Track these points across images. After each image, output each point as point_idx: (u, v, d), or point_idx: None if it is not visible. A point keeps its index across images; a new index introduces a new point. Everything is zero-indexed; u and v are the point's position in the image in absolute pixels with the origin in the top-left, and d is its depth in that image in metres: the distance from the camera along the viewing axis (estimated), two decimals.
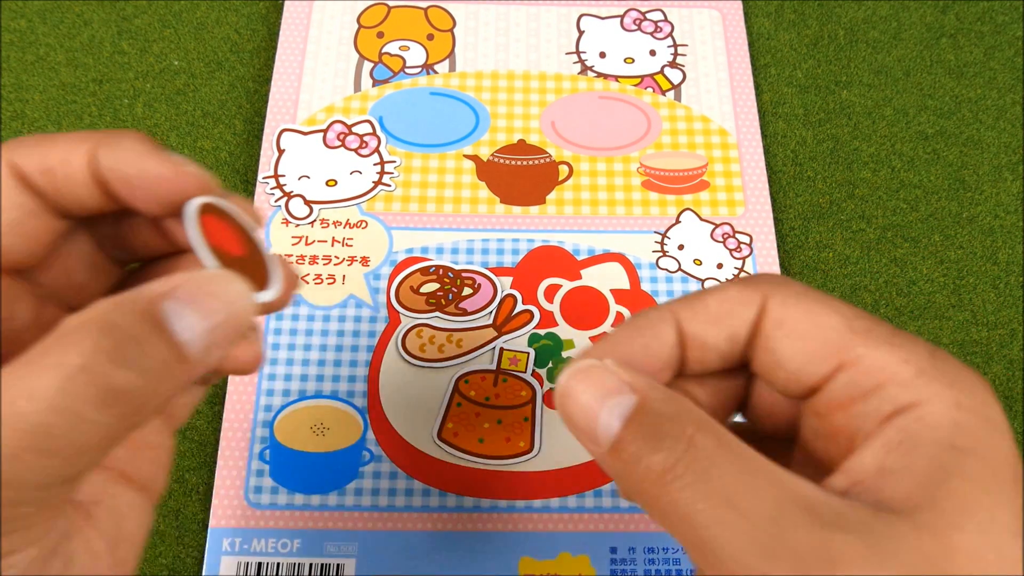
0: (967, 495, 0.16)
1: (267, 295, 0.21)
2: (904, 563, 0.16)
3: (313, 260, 0.42)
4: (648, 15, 0.50)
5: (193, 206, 0.20)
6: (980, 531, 0.16)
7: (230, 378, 0.39)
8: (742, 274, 0.42)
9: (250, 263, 0.21)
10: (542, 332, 0.40)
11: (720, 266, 0.42)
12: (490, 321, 0.40)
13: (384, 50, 0.48)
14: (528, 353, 0.40)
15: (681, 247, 0.43)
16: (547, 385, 0.39)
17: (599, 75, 0.48)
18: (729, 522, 0.16)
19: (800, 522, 0.16)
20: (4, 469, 0.16)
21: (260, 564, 0.35)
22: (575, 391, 0.20)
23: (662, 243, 0.43)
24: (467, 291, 0.41)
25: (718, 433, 0.18)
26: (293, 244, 0.42)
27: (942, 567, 0.16)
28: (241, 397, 0.38)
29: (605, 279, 0.42)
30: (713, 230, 0.43)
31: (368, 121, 0.45)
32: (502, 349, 0.40)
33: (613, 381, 0.19)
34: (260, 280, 0.21)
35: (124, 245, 0.23)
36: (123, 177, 0.20)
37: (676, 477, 0.17)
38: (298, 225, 0.42)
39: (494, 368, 0.39)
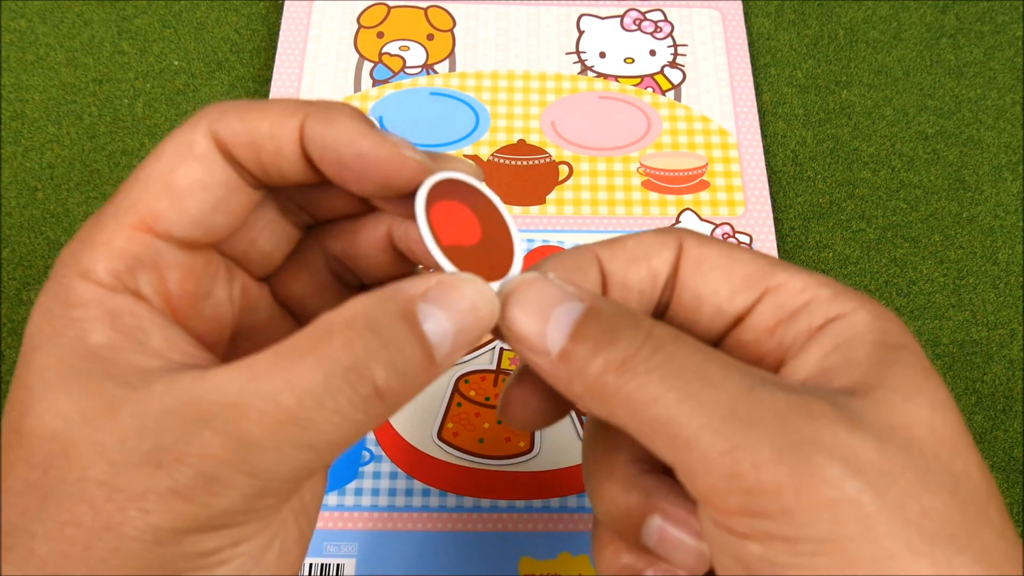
0: (911, 378, 0.18)
1: (512, 273, 0.20)
2: (873, 431, 0.17)
3: None
4: (648, 15, 0.50)
5: (422, 200, 0.19)
6: (931, 407, 0.17)
7: None
8: None
9: (491, 245, 0.20)
10: None
11: None
12: None
13: (384, 50, 0.48)
14: None
15: None
16: None
17: (599, 75, 0.48)
18: (704, 397, 0.17)
19: (775, 390, 0.17)
20: (260, 460, 0.16)
21: None
22: (520, 300, 0.19)
23: None
24: None
25: (673, 328, 0.18)
26: None
27: (905, 436, 0.17)
28: None
29: None
30: (713, 230, 0.43)
31: None
32: (502, 349, 0.40)
33: (558, 291, 0.19)
34: (503, 259, 0.20)
35: (311, 210, 0.22)
36: (337, 158, 0.19)
37: (641, 362, 0.17)
38: None
39: (494, 368, 0.39)
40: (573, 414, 0.39)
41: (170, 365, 0.18)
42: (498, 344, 0.40)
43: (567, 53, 0.48)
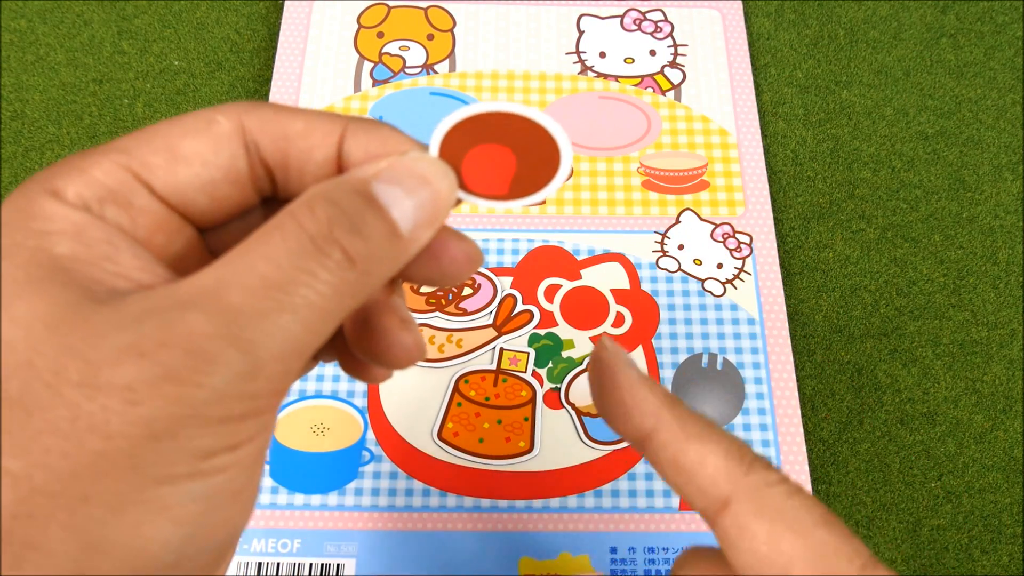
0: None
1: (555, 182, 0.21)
2: None
3: None
4: (648, 15, 0.50)
5: (436, 148, 0.20)
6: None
7: None
8: (743, 274, 0.42)
9: (530, 166, 0.21)
10: (542, 332, 0.40)
11: (720, 266, 0.42)
12: (490, 321, 0.40)
13: (384, 50, 0.48)
14: (528, 353, 0.40)
15: (681, 247, 0.43)
16: (547, 385, 0.39)
17: (599, 75, 0.48)
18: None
19: None
20: (248, 330, 0.17)
21: (260, 564, 0.35)
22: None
23: (662, 243, 0.43)
24: (467, 291, 0.41)
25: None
26: None
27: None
28: None
29: (605, 279, 0.42)
30: (713, 230, 0.43)
31: None
32: (502, 349, 0.40)
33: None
34: (546, 173, 0.21)
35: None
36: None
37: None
38: None
39: (494, 368, 0.39)
40: (574, 414, 0.39)
41: (139, 287, 0.18)
42: (498, 344, 0.40)
43: (567, 53, 0.48)
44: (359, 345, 0.21)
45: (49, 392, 0.16)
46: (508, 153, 0.22)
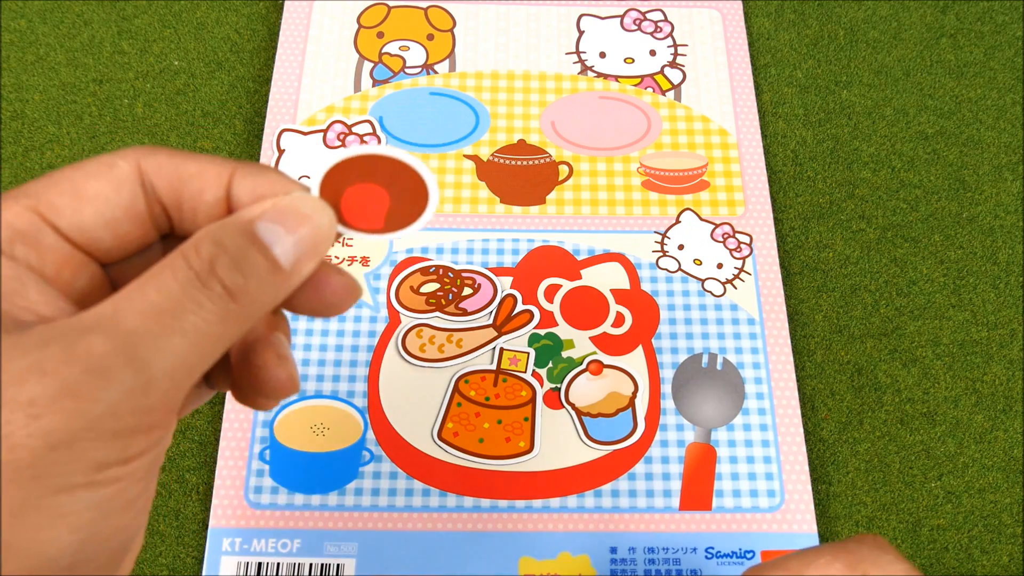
0: None
1: (424, 217, 0.24)
2: None
3: None
4: (648, 15, 0.50)
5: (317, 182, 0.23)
6: None
7: None
8: (743, 274, 0.42)
9: (401, 201, 0.24)
10: (542, 332, 0.40)
11: (720, 266, 0.42)
12: (490, 321, 0.40)
13: (384, 50, 0.48)
14: (528, 353, 0.40)
15: (681, 247, 0.43)
16: (547, 385, 0.39)
17: (599, 75, 0.48)
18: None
19: None
20: (142, 349, 0.19)
21: (260, 564, 0.35)
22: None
23: (662, 243, 0.43)
24: (467, 291, 0.41)
25: None
26: None
27: None
28: None
29: (605, 279, 0.42)
30: (713, 230, 0.43)
31: (368, 121, 0.45)
32: (502, 349, 0.40)
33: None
34: (416, 207, 0.24)
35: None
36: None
37: None
38: None
39: (494, 368, 0.39)
40: (574, 414, 0.39)
41: (43, 320, 0.19)
42: (498, 344, 0.40)
43: (567, 53, 0.48)
44: (240, 375, 0.24)
45: None
46: (382, 191, 0.24)
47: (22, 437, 0.17)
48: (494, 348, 0.40)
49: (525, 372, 0.39)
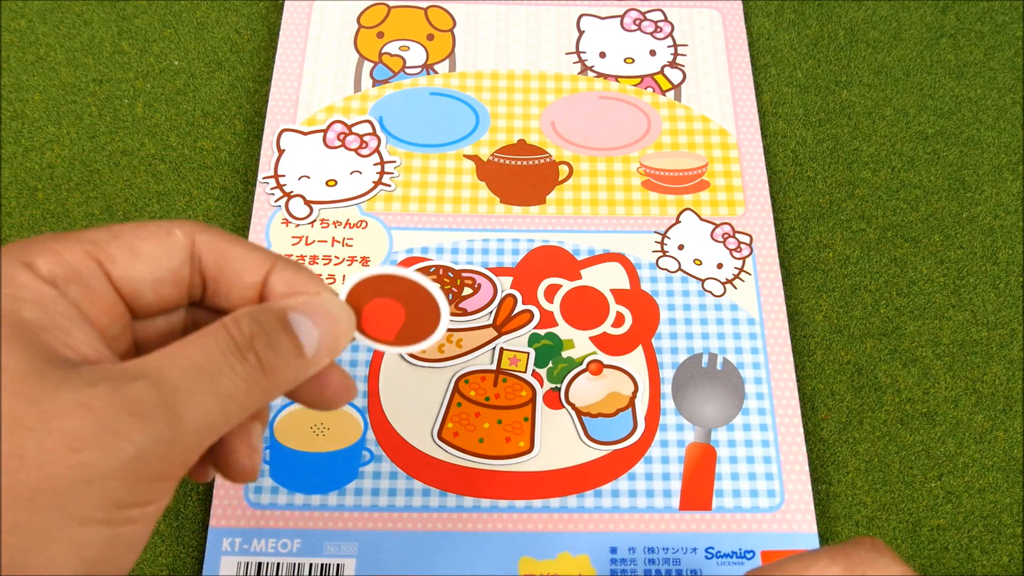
0: None
1: (435, 335, 0.27)
2: None
3: (313, 260, 0.42)
4: (648, 15, 0.50)
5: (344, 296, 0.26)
6: None
7: None
8: (743, 274, 0.42)
9: (416, 318, 0.27)
10: (542, 332, 0.40)
11: (720, 266, 0.42)
12: (490, 321, 0.40)
13: (384, 50, 0.48)
14: (528, 353, 0.40)
15: (681, 247, 0.43)
16: (547, 385, 0.39)
17: (599, 75, 0.48)
18: None
19: None
20: (180, 403, 0.20)
21: (260, 564, 0.35)
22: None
23: (662, 243, 0.43)
24: (467, 291, 0.41)
25: None
26: (293, 244, 0.42)
27: None
28: None
29: (605, 279, 0.42)
30: (713, 230, 0.43)
31: (368, 121, 0.45)
32: (502, 349, 0.40)
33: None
34: (430, 324, 0.27)
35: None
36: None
37: None
38: (298, 225, 0.42)
39: (494, 368, 0.39)
40: (574, 414, 0.39)
41: (85, 360, 0.21)
42: (498, 344, 0.40)
43: (567, 53, 0.48)
44: (215, 452, 0.26)
45: (6, 434, 0.19)
46: (400, 308, 0.28)
47: (60, 467, 0.19)
48: (494, 348, 0.40)
49: (525, 372, 0.39)
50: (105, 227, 0.23)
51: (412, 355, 0.39)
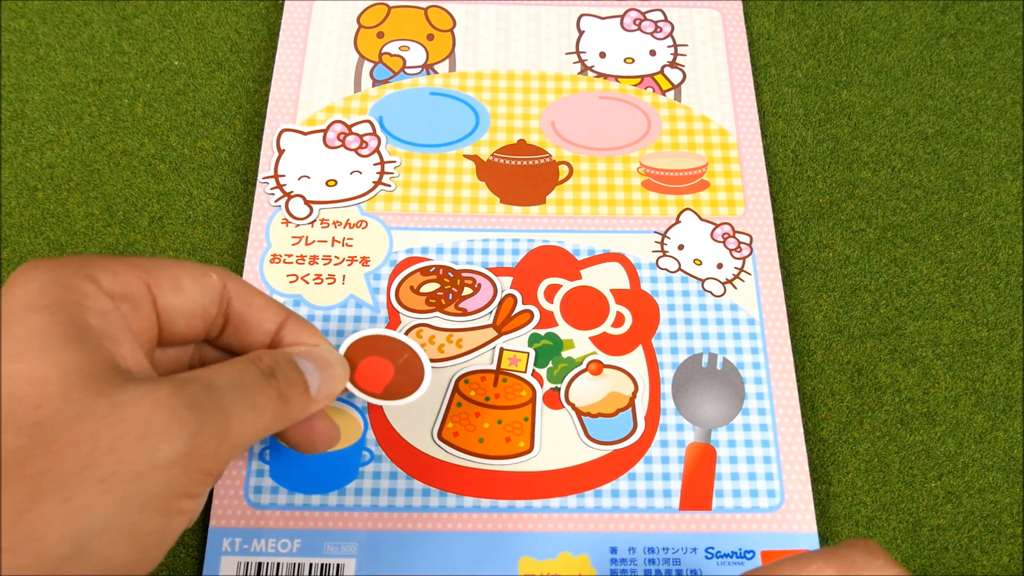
0: None
1: (420, 390, 0.33)
2: None
3: (313, 260, 0.42)
4: (648, 15, 0.50)
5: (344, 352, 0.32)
6: None
7: None
8: (743, 274, 0.42)
9: (403, 374, 0.33)
10: (542, 332, 0.40)
11: (720, 266, 0.42)
12: (490, 321, 0.40)
13: (384, 50, 0.48)
14: (528, 353, 0.40)
15: (681, 247, 0.43)
16: (547, 385, 0.39)
17: (599, 75, 0.48)
18: None
19: None
20: (230, 405, 0.24)
21: (260, 564, 0.35)
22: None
23: (662, 243, 0.43)
24: (467, 291, 0.41)
25: None
26: (293, 244, 0.42)
27: None
28: None
29: (605, 279, 0.42)
30: (713, 230, 0.43)
31: (368, 121, 0.45)
32: (502, 349, 0.40)
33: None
34: (414, 379, 0.33)
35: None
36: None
37: None
38: (298, 225, 0.42)
39: (494, 368, 0.39)
40: (574, 414, 0.39)
41: (131, 374, 0.23)
42: (498, 344, 0.40)
43: (567, 53, 0.48)
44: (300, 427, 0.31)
45: (78, 421, 0.21)
46: (389, 367, 0.33)
47: (131, 451, 0.21)
48: (494, 348, 0.40)
49: (525, 372, 0.39)
50: (151, 258, 0.26)
51: None
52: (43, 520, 0.20)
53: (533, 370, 0.39)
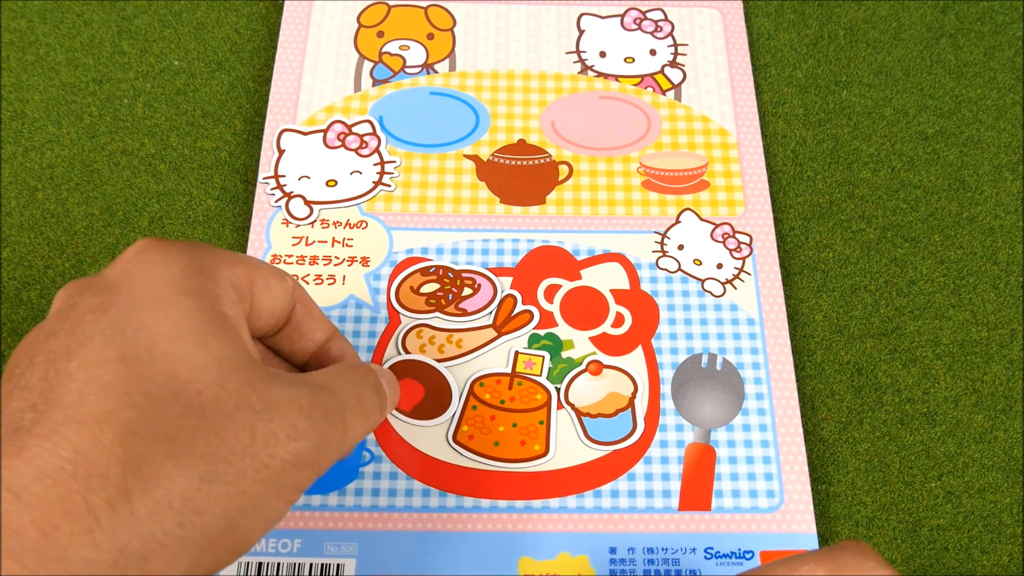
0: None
1: (449, 411, 0.38)
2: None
3: (313, 260, 0.42)
4: (648, 14, 0.50)
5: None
6: None
7: None
8: (743, 274, 0.42)
9: (432, 395, 0.38)
10: (542, 332, 0.40)
11: (720, 266, 0.42)
12: (490, 321, 0.40)
13: (384, 50, 0.48)
14: (543, 356, 0.40)
15: (681, 247, 0.43)
16: (551, 386, 0.39)
17: (599, 75, 0.48)
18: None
19: None
20: (332, 402, 0.26)
21: (260, 564, 0.35)
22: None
23: (662, 243, 0.43)
24: (467, 291, 0.41)
25: None
26: (293, 244, 0.42)
27: None
28: None
29: (605, 279, 0.42)
30: (713, 230, 0.43)
31: (368, 121, 0.45)
32: (517, 352, 0.40)
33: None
34: (443, 402, 0.38)
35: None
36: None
37: None
38: (298, 225, 0.42)
39: (509, 371, 0.39)
40: (574, 415, 0.39)
41: (267, 370, 0.24)
42: (515, 348, 0.40)
43: (567, 53, 0.48)
44: None
45: (237, 411, 0.22)
46: (420, 388, 0.37)
47: (282, 450, 0.23)
48: (504, 350, 0.40)
49: (540, 375, 0.39)
50: (247, 256, 0.27)
51: (411, 354, 0.39)
52: (211, 497, 0.21)
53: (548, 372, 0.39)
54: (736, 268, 0.42)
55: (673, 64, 0.48)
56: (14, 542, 0.18)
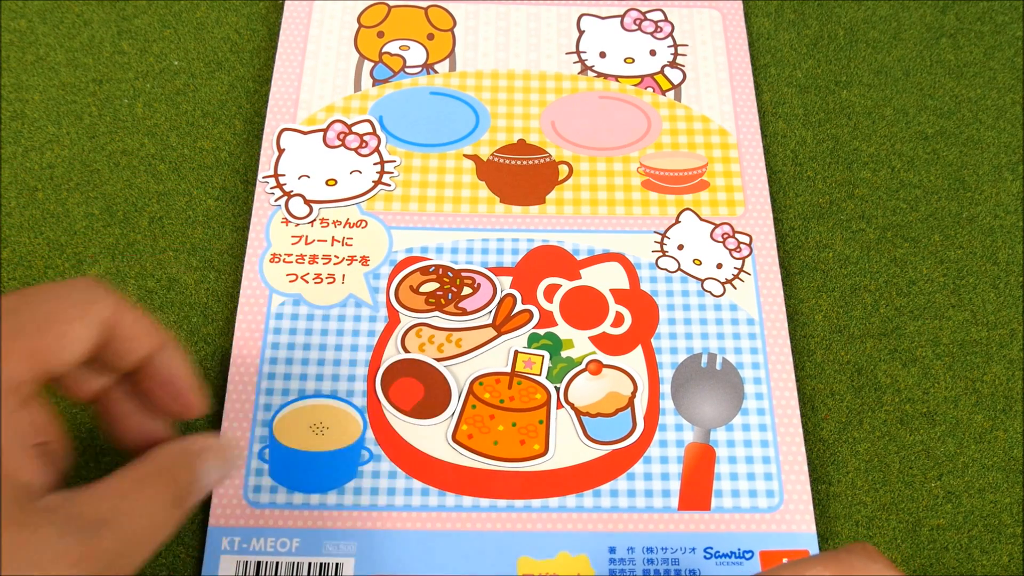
0: None
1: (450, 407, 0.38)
2: None
3: (313, 259, 0.42)
4: (648, 15, 0.50)
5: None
6: None
7: (229, 377, 0.39)
8: (742, 274, 0.42)
9: (432, 393, 0.38)
10: (541, 332, 0.40)
11: (720, 266, 0.42)
12: (489, 321, 0.40)
13: (384, 50, 0.48)
14: (543, 356, 0.40)
15: (681, 247, 0.43)
16: (550, 385, 0.39)
17: (599, 75, 0.48)
18: None
19: None
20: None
21: (259, 563, 0.35)
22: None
23: (662, 243, 0.43)
24: (467, 291, 0.41)
25: None
26: (293, 244, 0.42)
27: None
28: (240, 396, 0.38)
29: (605, 279, 0.42)
30: (713, 230, 0.43)
31: (368, 121, 0.45)
32: (516, 351, 0.40)
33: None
34: (443, 400, 0.38)
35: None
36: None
37: None
38: (298, 225, 0.42)
39: (509, 370, 0.39)
40: (573, 414, 0.39)
41: (33, 495, 0.24)
42: (514, 347, 0.40)
43: (567, 53, 0.48)
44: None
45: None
46: (420, 388, 0.37)
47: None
48: (506, 350, 0.40)
49: (540, 375, 0.39)
50: (40, 302, 0.26)
51: (410, 353, 0.39)
52: None
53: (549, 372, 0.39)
54: (736, 268, 0.42)
55: (673, 64, 0.48)
56: None
